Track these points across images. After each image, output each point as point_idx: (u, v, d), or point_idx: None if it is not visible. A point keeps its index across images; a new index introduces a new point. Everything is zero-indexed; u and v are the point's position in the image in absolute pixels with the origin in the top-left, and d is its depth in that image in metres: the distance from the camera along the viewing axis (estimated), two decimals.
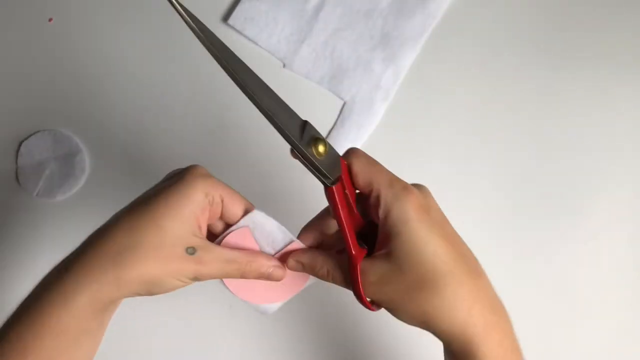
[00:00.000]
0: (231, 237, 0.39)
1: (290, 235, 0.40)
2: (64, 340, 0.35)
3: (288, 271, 0.40)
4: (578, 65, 0.59)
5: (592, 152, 0.58)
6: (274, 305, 0.41)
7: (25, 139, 0.58)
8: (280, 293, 0.41)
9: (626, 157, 0.58)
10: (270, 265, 0.39)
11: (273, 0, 0.60)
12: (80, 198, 0.58)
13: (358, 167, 0.37)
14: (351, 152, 0.38)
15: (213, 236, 0.40)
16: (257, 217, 0.39)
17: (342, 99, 0.59)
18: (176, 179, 0.37)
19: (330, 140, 0.58)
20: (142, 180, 0.58)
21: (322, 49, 0.59)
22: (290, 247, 0.40)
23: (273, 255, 0.40)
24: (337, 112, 0.59)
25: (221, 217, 0.39)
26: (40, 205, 0.58)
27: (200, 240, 0.37)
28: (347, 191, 0.36)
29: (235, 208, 0.38)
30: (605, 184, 0.57)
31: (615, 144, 0.58)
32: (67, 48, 0.60)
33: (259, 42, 0.60)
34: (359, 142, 0.58)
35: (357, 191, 0.38)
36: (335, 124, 0.59)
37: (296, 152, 0.36)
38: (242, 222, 0.39)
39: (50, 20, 0.61)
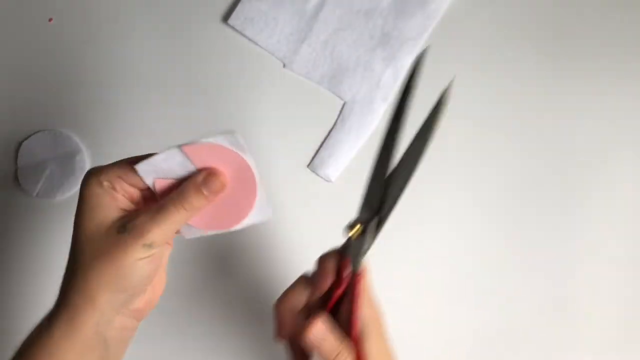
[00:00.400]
0: (161, 195, 0.38)
1: (176, 148, 0.37)
2: None
3: (228, 178, 0.38)
4: (578, 65, 0.59)
5: (593, 152, 0.58)
6: (254, 215, 0.39)
7: (25, 139, 0.58)
8: (242, 205, 0.38)
9: (626, 157, 0.58)
10: (199, 182, 0.37)
11: (273, 0, 0.60)
12: None
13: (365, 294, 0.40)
14: (366, 271, 0.41)
15: None
16: (145, 167, 0.37)
17: (342, 99, 0.59)
18: (79, 193, 0.38)
19: (330, 141, 0.58)
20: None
21: (322, 49, 0.59)
22: (192, 154, 0.37)
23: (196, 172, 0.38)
24: (337, 112, 0.59)
25: (137, 188, 0.39)
26: (40, 205, 0.58)
27: (126, 218, 0.36)
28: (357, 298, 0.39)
29: (130, 176, 0.38)
30: (606, 184, 0.57)
31: (616, 143, 0.58)
32: (67, 48, 0.60)
33: (259, 42, 0.60)
34: (359, 142, 0.58)
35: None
36: (335, 124, 0.59)
37: (364, 226, 0.38)
38: (146, 180, 0.38)
39: (50, 20, 0.61)
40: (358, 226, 0.37)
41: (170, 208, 0.36)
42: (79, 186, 0.57)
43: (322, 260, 0.40)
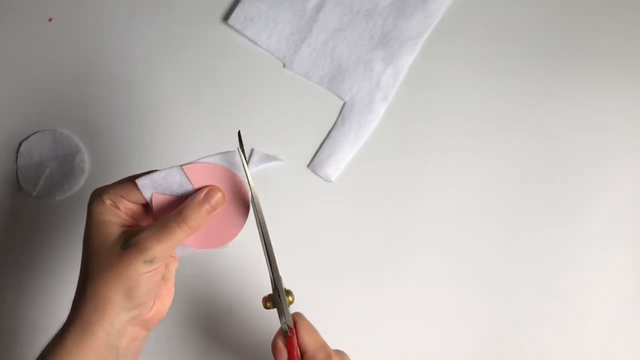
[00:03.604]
0: (157, 210, 0.40)
1: (177, 167, 0.39)
2: None
3: (221, 192, 0.40)
4: (578, 65, 0.59)
5: (593, 153, 0.58)
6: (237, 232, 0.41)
7: (25, 139, 0.58)
8: (234, 222, 0.40)
9: (627, 157, 0.58)
10: (200, 200, 0.39)
11: (273, 0, 0.60)
12: (80, 198, 0.58)
13: (305, 326, 0.42)
14: (299, 314, 0.43)
15: None
16: (145, 182, 0.39)
17: (342, 98, 0.59)
18: (86, 215, 0.40)
19: (330, 141, 0.58)
20: None
21: (322, 49, 0.59)
22: (191, 174, 0.39)
23: (193, 191, 0.40)
24: (337, 112, 0.59)
25: (139, 204, 0.41)
26: (40, 205, 0.58)
27: (129, 233, 0.38)
28: (296, 344, 0.41)
29: (131, 192, 0.40)
30: (605, 185, 0.57)
31: (616, 142, 0.58)
32: (67, 48, 0.60)
33: (259, 42, 0.60)
34: (359, 142, 0.58)
35: None
36: (335, 123, 0.59)
37: (277, 297, 0.41)
38: (145, 195, 0.39)
39: (50, 20, 0.61)
40: (269, 301, 0.42)
41: (172, 225, 0.38)
42: (79, 186, 0.58)
43: (272, 343, 0.42)
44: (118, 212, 0.40)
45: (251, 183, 0.39)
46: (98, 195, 0.40)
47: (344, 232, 0.57)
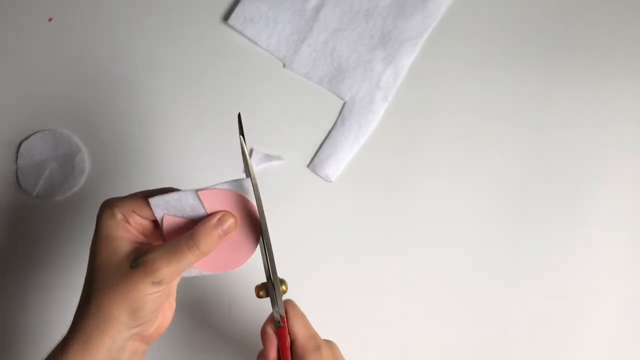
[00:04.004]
0: (167, 230, 0.39)
1: (191, 191, 0.39)
2: None
3: (234, 218, 0.40)
4: (578, 64, 0.59)
5: (594, 152, 0.58)
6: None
7: (25, 139, 0.58)
8: (244, 248, 0.40)
9: (627, 154, 0.58)
10: (213, 224, 0.39)
11: (273, 0, 0.60)
12: (80, 198, 0.58)
13: (296, 314, 0.42)
14: (290, 301, 0.42)
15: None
16: (158, 202, 0.39)
17: (342, 98, 0.59)
18: (95, 225, 0.40)
19: (330, 140, 0.58)
20: (142, 180, 0.58)
21: (322, 48, 0.59)
22: (205, 199, 0.39)
23: (207, 215, 0.39)
24: (337, 112, 0.59)
25: (149, 220, 0.40)
26: (40, 205, 0.58)
27: (139, 252, 0.38)
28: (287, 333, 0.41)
29: (143, 209, 0.39)
30: (606, 184, 0.57)
31: (616, 141, 0.58)
32: (67, 48, 0.60)
33: (259, 42, 0.60)
34: (359, 142, 0.58)
35: None
36: (335, 123, 0.59)
37: (270, 285, 0.41)
38: (156, 214, 0.39)
39: (50, 20, 0.61)
40: (262, 289, 0.41)
41: (183, 248, 0.38)
42: (79, 186, 0.58)
43: (262, 330, 0.42)
44: (128, 227, 0.39)
45: (252, 168, 0.39)
46: (109, 207, 0.39)
47: (344, 232, 0.57)
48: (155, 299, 0.37)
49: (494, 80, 0.59)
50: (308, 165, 0.58)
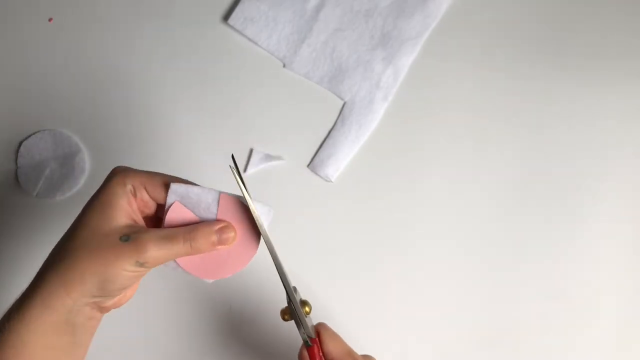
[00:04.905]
0: (169, 218, 0.39)
1: (216, 191, 0.39)
2: (26, 357, 0.36)
3: (237, 235, 0.40)
4: (578, 65, 0.59)
5: (594, 152, 0.58)
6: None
7: (25, 139, 0.58)
8: (241, 256, 0.40)
9: (628, 154, 0.58)
10: (214, 230, 0.38)
11: (273, 0, 0.60)
12: (80, 198, 0.58)
13: (328, 335, 0.41)
14: (322, 324, 0.42)
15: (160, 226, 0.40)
16: (179, 189, 0.38)
17: (342, 98, 0.59)
18: (100, 186, 0.39)
19: (330, 140, 0.58)
20: None
21: (322, 48, 0.59)
22: (223, 203, 0.39)
23: (215, 220, 0.39)
24: (337, 112, 0.59)
25: (156, 201, 0.39)
26: (40, 205, 0.58)
27: (133, 228, 0.37)
28: (321, 354, 0.41)
29: (158, 188, 0.39)
30: (606, 184, 0.57)
31: (616, 141, 0.58)
32: (67, 48, 0.60)
33: (259, 42, 0.60)
34: (359, 142, 0.58)
35: None
36: (335, 123, 0.59)
37: (293, 309, 0.40)
38: (169, 199, 0.39)
39: (50, 20, 0.61)
40: (287, 313, 0.41)
41: (179, 238, 0.37)
42: (79, 186, 0.58)
43: (298, 355, 0.42)
44: (132, 201, 0.38)
45: (252, 207, 0.38)
46: (122, 175, 0.38)
47: (344, 232, 0.57)
48: (130, 278, 0.37)
49: (494, 80, 0.59)
50: (308, 165, 0.58)
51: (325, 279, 0.56)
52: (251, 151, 0.58)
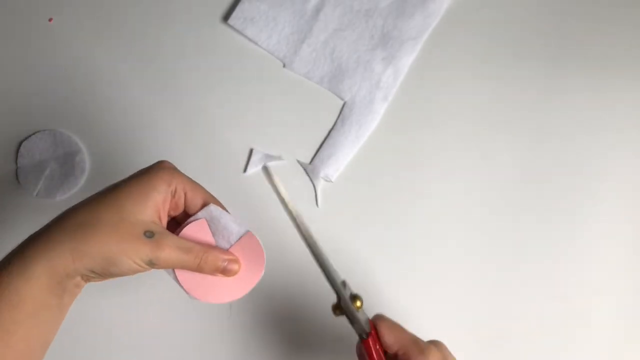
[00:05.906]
0: (189, 229, 0.41)
1: (245, 227, 0.41)
2: (22, 312, 0.36)
3: (240, 269, 0.42)
4: (578, 65, 0.59)
5: (593, 153, 0.58)
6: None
7: (25, 139, 0.58)
8: (232, 290, 0.42)
9: (627, 157, 0.58)
10: (225, 259, 0.41)
11: (273, 0, 0.60)
12: (80, 198, 0.57)
13: (386, 327, 0.41)
14: (378, 315, 0.42)
15: (175, 230, 0.42)
16: (214, 210, 0.41)
17: (342, 98, 0.59)
18: (143, 171, 0.40)
19: (330, 140, 0.58)
20: None
21: (322, 49, 0.59)
22: (244, 239, 0.41)
23: (228, 249, 0.41)
24: (337, 112, 0.59)
25: (185, 209, 0.41)
26: (40, 205, 0.58)
27: (158, 227, 0.39)
28: (378, 347, 0.40)
29: (196, 200, 0.41)
30: (606, 185, 0.57)
31: (617, 141, 0.58)
32: (67, 48, 0.60)
33: (259, 42, 0.60)
34: (359, 142, 0.58)
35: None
36: (335, 123, 0.59)
37: (343, 305, 0.39)
38: (200, 214, 0.41)
39: (50, 20, 0.61)
40: (337, 308, 0.40)
41: (194, 251, 0.39)
42: (79, 186, 0.58)
43: (356, 351, 0.42)
44: (168, 201, 0.40)
45: (290, 204, 0.40)
46: (169, 174, 0.40)
47: (344, 232, 0.57)
48: (134, 270, 0.38)
49: (494, 80, 0.59)
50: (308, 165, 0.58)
51: (323, 278, 0.56)
52: (251, 151, 0.58)
